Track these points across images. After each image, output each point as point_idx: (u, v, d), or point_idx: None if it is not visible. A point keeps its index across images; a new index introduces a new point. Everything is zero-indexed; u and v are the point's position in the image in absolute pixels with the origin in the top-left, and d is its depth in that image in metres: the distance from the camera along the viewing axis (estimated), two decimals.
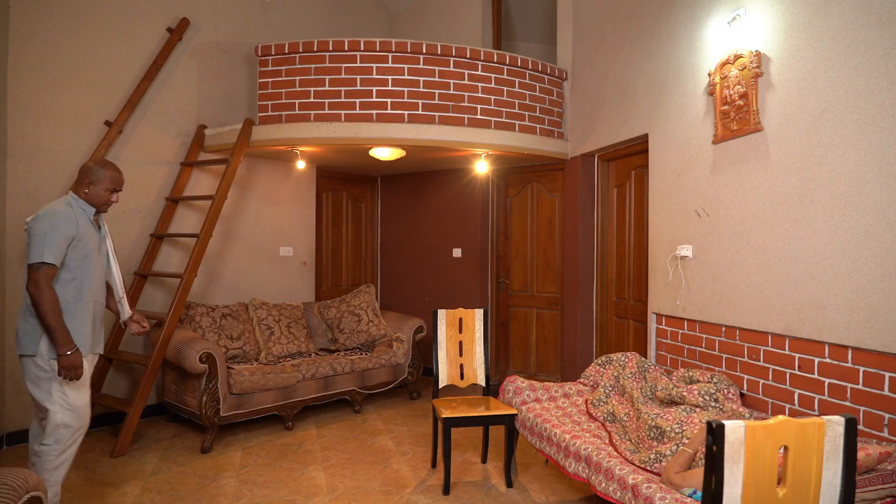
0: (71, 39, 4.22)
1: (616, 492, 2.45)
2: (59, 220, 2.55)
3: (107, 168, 2.75)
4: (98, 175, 2.72)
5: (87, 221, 2.70)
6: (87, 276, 2.69)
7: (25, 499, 1.95)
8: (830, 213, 2.59)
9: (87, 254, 2.67)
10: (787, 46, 2.80)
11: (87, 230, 2.69)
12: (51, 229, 2.52)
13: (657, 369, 3.47)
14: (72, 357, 2.57)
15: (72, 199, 2.71)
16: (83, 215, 2.69)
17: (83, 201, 2.73)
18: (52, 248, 2.51)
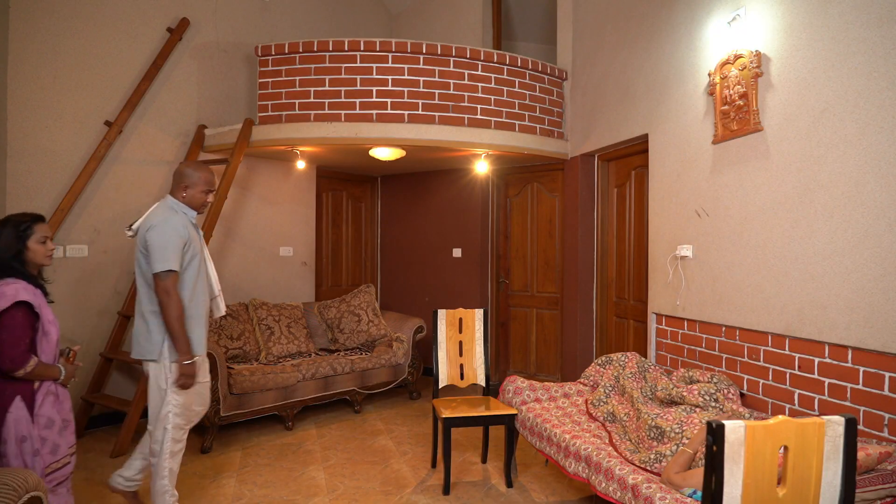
0: (71, 39, 4.22)
1: (616, 492, 2.45)
2: (174, 226, 2.61)
3: (200, 170, 2.78)
4: (193, 178, 2.75)
5: (190, 224, 2.74)
6: (198, 278, 2.74)
7: (25, 499, 1.95)
8: (830, 213, 2.58)
9: (196, 255, 2.71)
10: (787, 46, 2.80)
11: (193, 233, 2.73)
12: (169, 237, 2.57)
13: (657, 369, 3.47)
14: (190, 367, 2.62)
15: (173, 203, 2.74)
16: (186, 218, 2.72)
17: (184, 205, 2.76)
18: (175, 254, 2.58)
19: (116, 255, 4.45)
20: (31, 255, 2.28)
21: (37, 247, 2.29)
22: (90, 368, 4.28)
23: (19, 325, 2.15)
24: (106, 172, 4.39)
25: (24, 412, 2.17)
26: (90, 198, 4.30)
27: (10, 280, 2.20)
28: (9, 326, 2.13)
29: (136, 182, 4.57)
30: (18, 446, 2.15)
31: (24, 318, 2.18)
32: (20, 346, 2.14)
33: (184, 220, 2.68)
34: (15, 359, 2.12)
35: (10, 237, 2.25)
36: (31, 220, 2.30)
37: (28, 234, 2.27)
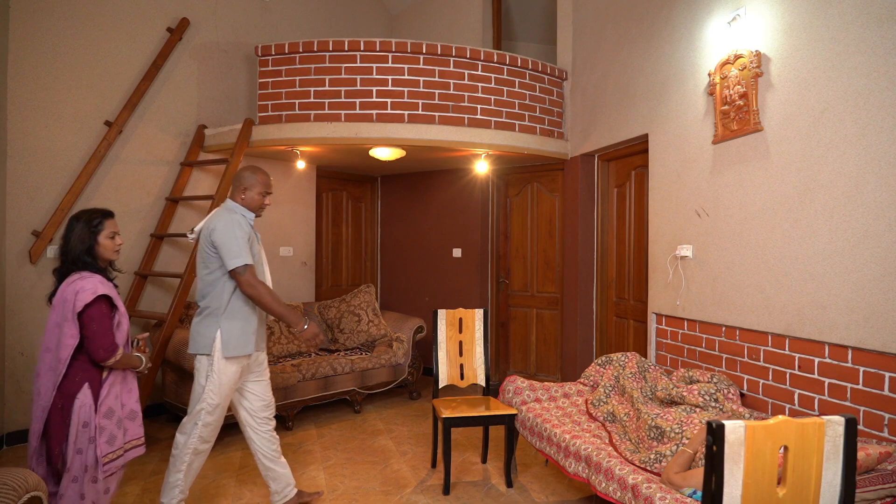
0: (71, 39, 4.22)
1: (616, 492, 2.45)
2: (236, 224, 2.70)
3: (257, 173, 2.85)
4: (251, 181, 2.83)
5: (249, 226, 2.81)
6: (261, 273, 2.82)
7: (25, 499, 1.96)
8: (830, 213, 2.58)
9: (254, 255, 2.78)
10: (787, 46, 2.80)
11: (251, 234, 2.81)
12: (235, 233, 2.67)
13: (657, 369, 3.47)
14: (309, 329, 2.79)
15: (233, 205, 2.83)
16: (245, 220, 2.79)
17: (243, 207, 2.84)
18: (244, 249, 2.66)
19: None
20: (101, 250, 2.36)
21: (106, 241, 2.37)
22: None
23: (105, 316, 2.26)
24: (106, 172, 4.39)
25: (90, 399, 2.25)
26: (90, 198, 4.30)
27: (85, 274, 2.28)
28: (97, 318, 2.23)
29: (136, 182, 4.57)
30: (79, 430, 2.23)
31: (107, 309, 2.28)
32: (109, 336, 2.26)
33: (243, 220, 2.77)
34: (107, 348, 2.24)
35: (82, 232, 2.33)
36: (101, 216, 2.38)
37: (99, 230, 2.36)
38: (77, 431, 2.22)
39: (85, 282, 2.24)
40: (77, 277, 2.26)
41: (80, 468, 2.23)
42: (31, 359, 4.02)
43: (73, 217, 2.37)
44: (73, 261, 2.31)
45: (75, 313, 2.21)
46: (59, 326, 2.23)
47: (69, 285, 2.25)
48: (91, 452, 2.24)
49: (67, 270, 2.31)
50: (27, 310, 4.01)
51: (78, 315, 2.21)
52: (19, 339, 3.98)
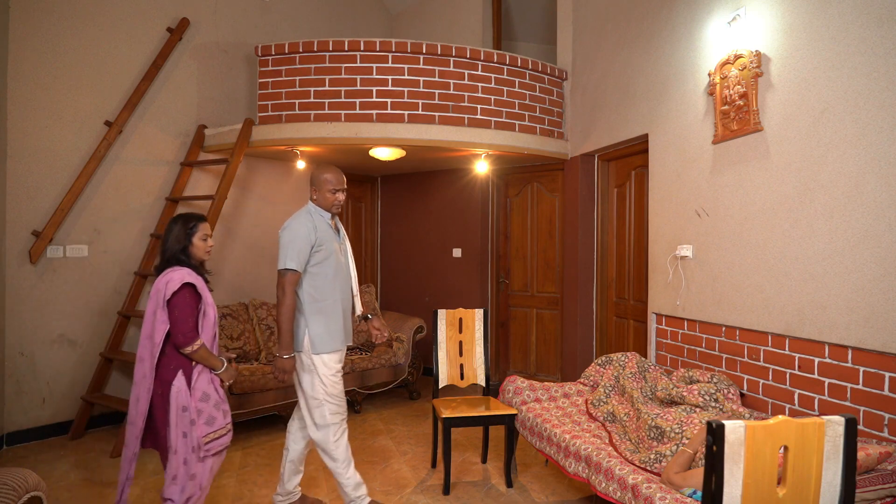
0: (71, 39, 4.22)
1: (616, 492, 2.45)
2: (300, 228, 2.80)
3: (324, 171, 2.90)
4: (318, 180, 2.89)
5: (325, 226, 2.88)
6: (330, 276, 2.87)
7: (25, 499, 1.96)
8: (830, 213, 2.58)
9: (329, 256, 2.86)
10: (787, 46, 2.80)
11: (326, 234, 2.86)
12: (293, 238, 2.78)
13: (657, 369, 3.47)
14: (286, 361, 2.80)
15: (311, 207, 2.93)
16: (321, 220, 2.88)
17: (319, 207, 2.91)
18: (294, 255, 2.77)
19: (116, 255, 4.45)
20: (194, 250, 2.56)
21: (199, 243, 2.58)
22: (90, 368, 4.28)
23: (188, 305, 2.43)
24: (106, 172, 4.39)
25: (185, 385, 2.41)
26: (90, 198, 4.30)
27: (176, 268, 2.49)
28: (180, 305, 2.40)
29: (136, 182, 4.57)
30: (178, 414, 2.39)
31: (190, 297, 2.45)
32: (189, 323, 2.42)
33: (314, 223, 2.84)
34: (186, 333, 2.39)
35: (179, 233, 2.55)
36: (196, 220, 2.60)
37: (193, 232, 2.56)
38: (177, 416, 2.39)
39: (175, 273, 2.45)
40: (170, 271, 2.48)
41: (187, 450, 2.40)
42: (31, 359, 4.03)
43: (171, 220, 2.59)
44: (170, 259, 2.52)
45: (165, 300, 2.40)
46: (154, 314, 2.42)
47: (162, 277, 2.47)
48: (194, 435, 2.40)
49: (164, 267, 2.52)
50: (27, 310, 4.01)
51: (167, 302, 2.40)
52: (19, 339, 3.98)
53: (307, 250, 2.79)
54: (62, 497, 3.17)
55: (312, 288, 2.83)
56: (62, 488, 3.28)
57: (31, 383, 4.03)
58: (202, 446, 2.40)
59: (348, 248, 3.05)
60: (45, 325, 4.09)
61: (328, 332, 2.84)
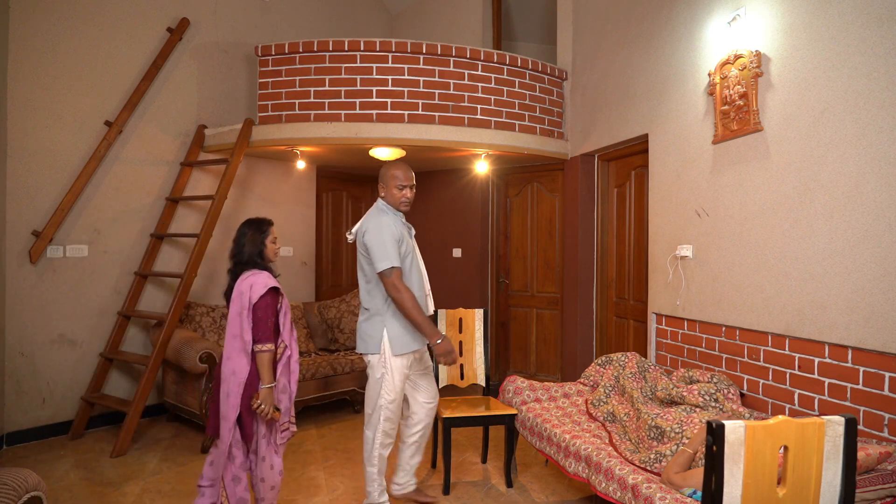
0: (71, 39, 4.22)
1: (616, 492, 2.46)
2: (386, 225, 2.80)
3: (391, 168, 2.91)
4: (385, 177, 2.90)
5: (399, 223, 2.89)
6: (410, 274, 2.88)
7: (25, 499, 1.96)
8: (830, 213, 2.59)
9: (408, 252, 2.86)
10: (787, 46, 2.80)
11: (403, 231, 2.88)
12: (383, 236, 2.77)
13: (657, 369, 3.47)
14: (443, 344, 2.79)
15: (382, 205, 2.93)
16: (395, 217, 2.89)
17: (389, 205, 2.91)
18: (392, 251, 2.76)
19: (116, 255, 4.45)
20: (267, 252, 2.73)
21: (271, 245, 2.76)
22: (90, 368, 4.28)
23: (269, 306, 2.59)
24: (106, 172, 4.39)
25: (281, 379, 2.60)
26: (90, 198, 4.30)
27: (255, 271, 2.64)
28: (263, 307, 2.56)
29: (136, 182, 4.57)
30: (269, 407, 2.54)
31: (272, 300, 2.61)
32: (269, 324, 2.57)
33: (394, 219, 2.85)
34: (264, 331, 2.54)
35: (255, 236, 2.73)
36: (268, 224, 2.78)
37: (266, 235, 2.74)
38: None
39: (257, 277, 2.61)
40: (249, 274, 2.63)
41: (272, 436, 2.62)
42: (31, 359, 4.03)
43: (243, 224, 2.76)
44: (246, 262, 2.68)
45: (251, 303, 2.55)
46: (239, 315, 2.57)
47: (243, 281, 2.60)
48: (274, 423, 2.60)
49: (240, 270, 2.67)
50: (27, 310, 4.01)
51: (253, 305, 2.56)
52: (19, 339, 3.98)
53: (397, 246, 2.80)
54: (62, 497, 3.17)
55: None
56: (62, 488, 3.28)
57: (31, 383, 4.03)
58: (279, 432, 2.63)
59: (416, 246, 3.02)
60: (45, 325, 4.09)
61: (406, 333, 2.84)
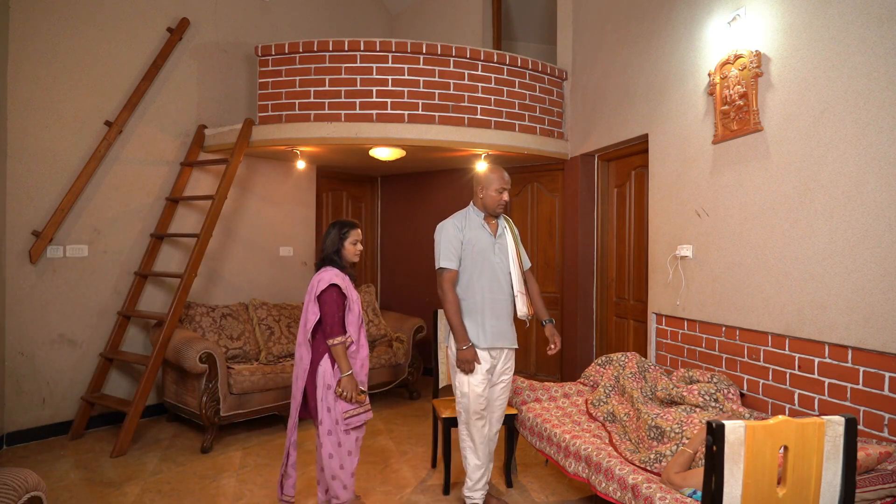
0: (71, 39, 4.22)
1: (616, 492, 2.45)
2: (445, 228, 2.95)
3: (492, 172, 2.97)
4: (488, 179, 2.95)
5: (476, 225, 2.96)
6: (476, 275, 2.93)
7: (25, 499, 1.96)
8: (830, 213, 2.59)
9: (478, 255, 2.93)
10: (787, 46, 2.80)
11: (475, 233, 2.94)
12: (441, 238, 2.94)
13: (657, 369, 3.47)
14: (466, 352, 2.87)
15: (469, 207, 3.05)
16: (473, 221, 2.96)
17: (476, 208, 3.01)
18: (445, 253, 2.92)
19: (116, 255, 4.45)
20: (345, 253, 2.91)
21: (350, 247, 2.92)
22: (90, 368, 4.28)
23: (333, 302, 2.76)
24: (106, 172, 4.39)
25: (330, 366, 2.76)
26: (90, 198, 4.30)
27: (328, 268, 2.84)
28: (328, 302, 2.75)
29: (136, 182, 4.57)
30: (324, 391, 2.75)
31: (336, 296, 2.78)
32: (335, 318, 2.74)
33: (464, 222, 2.96)
34: (332, 327, 2.73)
35: (335, 237, 2.90)
36: (349, 227, 2.96)
37: (346, 237, 2.91)
38: (323, 392, 2.75)
39: (325, 273, 2.81)
40: (322, 271, 2.84)
41: (332, 422, 2.76)
42: (30, 359, 4.03)
43: (330, 224, 2.96)
44: (325, 259, 2.88)
45: (315, 296, 2.76)
46: (307, 306, 2.79)
47: (316, 275, 2.84)
48: (337, 409, 2.75)
49: (321, 265, 2.88)
50: (27, 310, 4.01)
51: (318, 298, 2.76)
52: (19, 339, 3.98)
53: (457, 248, 2.91)
54: (62, 497, 3.17)
55: (458, 286, 2.95)
56: (62, 488, 3.28)
57: (31, 383, 4.03)
58: (343, 420, 2.75)
59: (510, 247, 3.03)
60: (44, 325, 4.09)
61: (472, 328, 2.91)
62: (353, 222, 3.00)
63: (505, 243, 3.01)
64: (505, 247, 3.01)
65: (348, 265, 2.93)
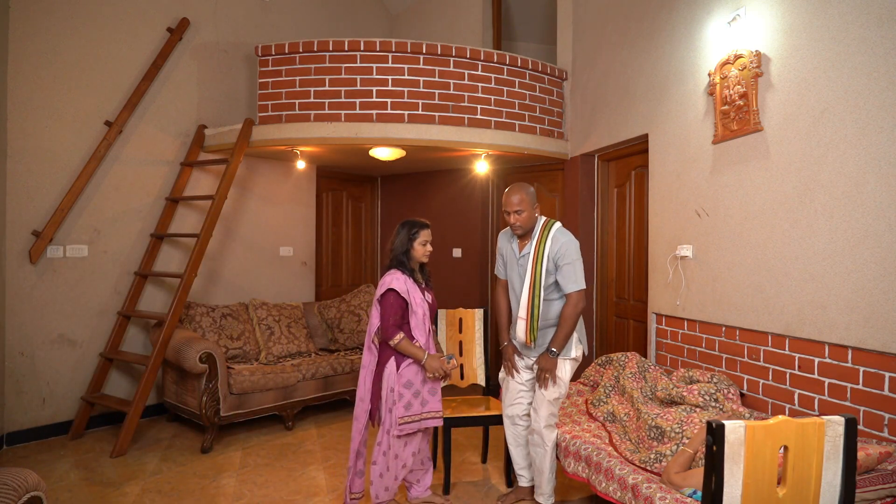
0: (71, 39, 4.22)
1: (616, 492, 2.46)
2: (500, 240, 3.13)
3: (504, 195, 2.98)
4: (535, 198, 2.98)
5: (507, 243, 3.07)
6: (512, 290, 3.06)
7: (25, 499, 1.96)
8: (830, 213, 2.58)
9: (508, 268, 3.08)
10: (787, 46, 2.80)
11: (506, 250, 3.08)
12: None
13: (657, 369, 3.46)
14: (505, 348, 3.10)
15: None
16: (510, 239, 3.06)
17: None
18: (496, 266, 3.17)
19: (116, 255, 4.45)
20: (414, 253, 2.92)
21: (419, 247, 2.93)
22: (90, 368, 4.28)
23: (391, 305, 2.81)
24: (106, 172, 4.39)
25: (394, 370, 2.83)
26: (90, 198, 4.30)
27: (393, 271, 2.88)
28: (386, 306, 2.82)
29: (136, 182, 4.57)
30: (387, 393, 2.83)
31: (394, 300, 2.82)
32: (391, 321, 2.81)
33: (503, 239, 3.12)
34: (387, 329, 2.80)
35: (404, 237, 2.91)
36: (419, 227, 2.94)
37: (415, 237, 2.91)
38: (386, 394, 2.83)
39: (388, 276, 2.87)
40: (389, 273, 2.89)
41: (391, 423, 2.82)
42: (31, 359, 4.03)
43: (399, 224, 2.97)
44: (392, 260, 2.91)
45: (377, 299, 2.86)
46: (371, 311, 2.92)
47: (382, 278, 2.89)
48: (395, 413, 2.80)
49: (389, 266, 2.92)
50: (27, 310, 4.01)
51: (377, 302, 2.86)
52: (19, 339, 3.98)
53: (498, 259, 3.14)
54: (62, 497, 3.17)
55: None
56: (62, 488, 3.28)
57: (31, 383, 4.03)
58: (396, 425, 2.79)
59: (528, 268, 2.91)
60: (45, 325, 4.09)
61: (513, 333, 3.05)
62: (424, 222, 2.97)
63: (525, 264, 2.93)
64: (524, 267, 2.94)
65: (417, 267, 2.97)
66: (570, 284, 2.84)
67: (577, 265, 2.85)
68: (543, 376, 2.89)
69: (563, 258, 2.84)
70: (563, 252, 2.84)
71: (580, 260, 2.87)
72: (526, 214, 2.87)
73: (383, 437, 2.86)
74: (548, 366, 2.87)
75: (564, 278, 2.85)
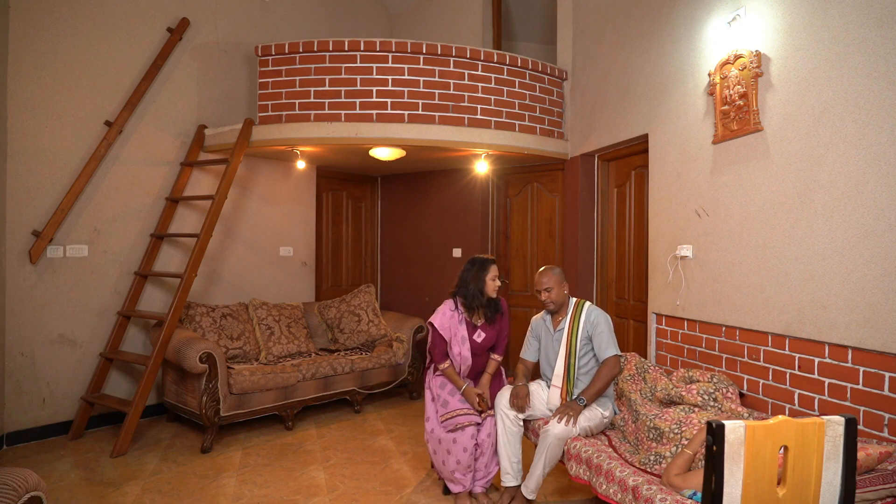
0: (71, 39, 4.22)
1: (617, 494, 2.46)
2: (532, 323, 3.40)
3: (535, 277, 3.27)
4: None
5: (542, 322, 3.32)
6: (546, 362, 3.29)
7: (25, 499, 1.96)
8: (830, 213, 2.58)
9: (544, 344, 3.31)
10: (787, 46, 2.80)
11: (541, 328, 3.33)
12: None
13: (657, 370, 3.46)
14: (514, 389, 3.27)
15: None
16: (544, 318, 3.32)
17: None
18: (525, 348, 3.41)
19: (116, 255, 4.45)
20: (486, 289, 3.21)
21: (490, 283, 3.22)
22: (90, 368, 4.28)
23: (437, 335, 3.20)
24: (106, 172, 4.39)
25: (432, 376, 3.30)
26: (90, 198, 4.30)
27: (448, 301, 3.27)
28: (432, 333, 3.23)
29: (136, 182, 4.57)
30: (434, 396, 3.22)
31: (433, 333, 3.22)
32: (437, 350, 3.21)
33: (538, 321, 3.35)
34: (435, 356, 3.22)
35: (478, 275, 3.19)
36: (489, 263, 3.24)
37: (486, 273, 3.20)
38: (433, 397, 3.23)
39: (443, 305, 3.28)
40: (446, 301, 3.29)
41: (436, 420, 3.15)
42: (31, 359, 4.03)
43: (470, 260, 3.26)
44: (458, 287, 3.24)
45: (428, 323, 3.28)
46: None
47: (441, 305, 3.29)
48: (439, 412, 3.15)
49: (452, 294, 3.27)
50: (27, 310, 4.01)
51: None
52: (19, 340, 3.98)
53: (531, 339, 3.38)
54: (62, 497, 3.17)
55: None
56: (62, 488, 3.28)
57: (31, 383, 4.03)
58: (440, 421, 3.10)
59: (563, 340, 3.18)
60: (45, 325, 4.09)
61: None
62: (492, 258, 3.26)
63: (561, 337, 3.19)
64: (559, 341, 3.20)
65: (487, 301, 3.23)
66: (606, 350, 3.07)
67: (611, 334, 3.10)
68: (565, 412, 2.94)
69: (597, 328, 3.10)
70: (596, 322, 3.11)
71: (612, 332, 3.12)
72: (555, 291, 3.17)
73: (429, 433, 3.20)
74: (573, 409, 2.96)
75: (600, 345, 3.08)
